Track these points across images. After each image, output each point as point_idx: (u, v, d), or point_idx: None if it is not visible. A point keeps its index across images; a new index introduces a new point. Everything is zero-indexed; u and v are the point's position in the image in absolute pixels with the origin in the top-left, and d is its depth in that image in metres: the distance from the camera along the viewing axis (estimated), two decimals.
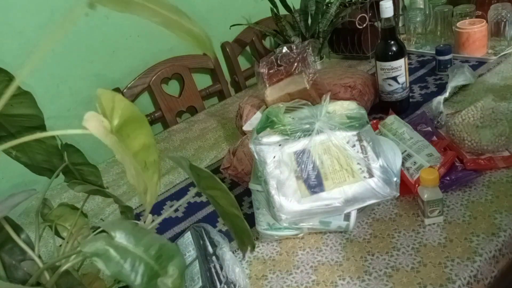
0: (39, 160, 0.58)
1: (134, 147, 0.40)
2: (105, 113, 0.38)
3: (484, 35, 1.25)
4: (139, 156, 0.40)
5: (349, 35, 1.46)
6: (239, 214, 0.52)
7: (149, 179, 0.40)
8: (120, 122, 0.39)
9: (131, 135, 0.40)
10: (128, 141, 0.39)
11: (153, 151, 0.41)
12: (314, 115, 0.74)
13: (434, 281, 0.65)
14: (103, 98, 0.38)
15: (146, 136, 0.41)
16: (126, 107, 0.39)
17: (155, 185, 0.41)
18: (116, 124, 0.39)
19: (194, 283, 0.72)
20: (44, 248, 0.94)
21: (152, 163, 0.41)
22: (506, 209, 0.75)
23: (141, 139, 0.40)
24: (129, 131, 0.40)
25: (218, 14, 1.64)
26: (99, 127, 0.36)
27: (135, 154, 0.39)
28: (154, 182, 0.41)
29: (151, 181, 0.41)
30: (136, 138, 0.40)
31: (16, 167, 0.59)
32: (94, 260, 0.38)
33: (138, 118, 0.41)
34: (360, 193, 0.71)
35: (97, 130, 0.36)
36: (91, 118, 0.37)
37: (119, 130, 0.39)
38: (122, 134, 0.39)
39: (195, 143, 1.29)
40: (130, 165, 0.38)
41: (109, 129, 0.38)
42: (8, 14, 1.22)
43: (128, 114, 0.40)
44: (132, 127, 0.40)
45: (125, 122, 0.39)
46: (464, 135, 0.86)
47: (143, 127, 0.41)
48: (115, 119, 0.39)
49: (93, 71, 1.40)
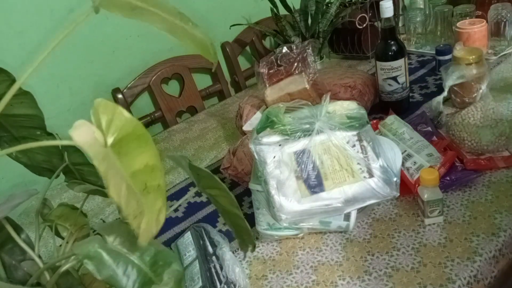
0: (39, 160, 0.58)
1: (132, 166, 0.36)
2: (100, 125, 0.35)
3: (484, 35, 1.25)
4: (138, 177, 0.36)
5: (349, 35, 1.46)
6: (239, 213, 0.52)
7: (149, 204, 0.36)
8: (118, 137, 0.35)
9: (131, 153, 0.36)
10: (126, 158, 0.35)
11: (157, 175, 0.37)
12: (314, 115, 0.74)
13: (434, 281, 0.65)
14: (101, 109, 0.35)
15: (150, 157, 0.37)
16: (127, 122, 0.36)
17: (157, 213, 0.36)
18: (113, 138, 0.35)
19: (194, 283, 0.72)
20: (44, 248, 0.94)
21: (155, 187, 0.37)
22: (506, 209, 0.75)
23: (143, 159, 0.37)
24: (129, 148, 0.36)
25: (218, 14, 1.64)
26: (87, 137, 0.33)
27: (133, 174, 0.35)
28: (155, 209, 0.36)
29: (152, 207, 0.36)
30: (136, 157, 0.36)
31: (16, 167, 0.59)
32: (86, 263, 0.38)
33: (141, 136, 0.37)
34: (360, 193, 0.71)
35: (83, 139, 0.32)
36: (80, 126, 0.33)
37: (116, 146, 0.35)
38: (120, 150, 0.35)
39: (195, 143, 1.29)
40: (121, 181, 0.33)
41: (102, 142, 0.34)
42: (8, 14, 1.22)
43: (130, 130, 0.36)
44: (133, 144, 0.36)
45: (124, 138, 0.36)
46: (464, 135, 0.86)
47: (147, 147, 0.37)
48: (113, 133, 0.35)
49: (93, 71, 1.40)
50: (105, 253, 0.39)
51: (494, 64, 1.24)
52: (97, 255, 0.38)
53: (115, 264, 0.38)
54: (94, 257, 0.38)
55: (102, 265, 0.38)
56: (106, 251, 0.39)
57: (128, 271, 0.39)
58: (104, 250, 0.39)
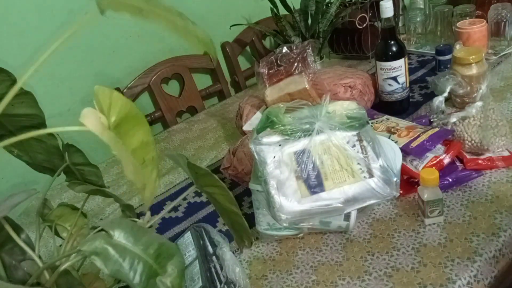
0: (40, 160, 0.58)
1: (132, 144, 0.40)
2: (103, 110, 0.38)
3: (484, 35, 1.25)
4: (137, 153, 0.40)
5: (349, 35, 1.46)
6: (237, 210, 0.52)
7: (148, 176, 0.41)
8: (117, 119, 0.39)
9: (129, 132, 0.40)
10: (126, 138, 0.39)
11: (151, 148, 0.42)
12: (314, 115, 0.74)
13: (434, 281, 0.65)
14: (100, 95, 0.38)
15: (144, 133, 0.41)
16: (123, 104, 0.40)
17: (154, 182, 0.41)
18: (113, 121, 0.39)
19: (194, 283, 0.72)
20: (44, 248, 0.94)
21: (151, 160, 0.41)
22: (506, 209, 0.75)
23: (139, 136, 0.41)
24: (127, 128, 0.40)
25: (218, 14, 1.64)
26: (96, 123, 0.36)
27: (133, 151, 0.39)
28: (152, 179, 0.41)
29: (150, 178, 0.41)
30: (134, 135, 0.40)
31: (16, 167, 0.59)
32: (93, 259, 0.38)
33: (136, 116, 0.41)
34: (360, 193, 0.71)
35: (95, 126, 0.36)
36: (88, 114, 0.36)
37: (117, 127, 0.39)
38: (120, 131, 0.39)
39: (195, 143, 1.29)
40: (129, 161, 0.38)
41: (107, 125, 0.38)
42: (8, 14, 1.22)
43: (126, 111, 0.40)
44: (130, 124, 0.40)
45: (123, 119, 0.39)
46: (464, 135, 0.86)
47: (141, 124, 0.41)
48: (113, 116, 0.39)
49: (93, 71, 1.40)
50: (111, 248, 0.39)
51: (494, 64, 1.24)
52: (104, 250, 0.39)
53: (122, 258, 0.39)
54: (101, 253, 0.39)
55: (109, 260, 0.39)
56: (112, 246, 0.39)
57: (134, 264, 0.39)
58: (110, 245, 0.39)
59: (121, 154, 0.37)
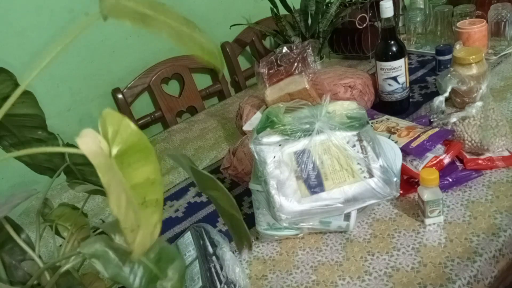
0: (40, 160, 0.58)
1: (134, 179, 0.36)
2: (107, 135, 0.35)
3: (484, 35, 1.25)
4: (138, 190, 0.35)
5: (349, 35, 1.46)
6: (238, 216, 0.52)
7: (146, 218, 0.36)
8: (122, 149, 0.35)
9: (133, 165, 0.36)
10: (128, 170, 0.35)
11: (157, 190, 0.37)
12: (314, 115, 0.74)
13: (434, 281, 0.65)
14: (108, 120, 0.35)
15: (151, 171, 0.36)
16: (132, 134, 0.36)
17: (153, 227, 0.36)
18: (117, 149, 0.35)
19: (194, 283, 0.72)
20: (44, 248, 0.94)
21: (154, 201, 0.36)
22: (506, 209, 0.75)
23: (145, 172, 0.36)
24: (132, 160, 0.36)
25: (218, 14, 1.64)
26: (92, 145, 0.33)
27: (133, 186, 0.35)
28: (151, 223, 0.36)
29: (148, 221, 0.36)
30: (138, 169, 0.36)
31: (16, 167, 0.59)
32: (93, 262, 0.38)
33: (145, 149, 0.37)
34: (360, 193, 0.71)
35: (90, 148, 0.32)
36: (86, 135, 0.33)
37: (120, 157, 0.35)
38: (123, 161, 0.35)
39: (195, 143, 1.29)
40: (122, 194, 0.33)
41: (107, 152, 0.34)
42: (8, 14, 1.22)
43: (134, 141, 0.36)
44: (136, 156, 0.36)
45: (129, 149, 0.36)
46: (464, 135, 0.86)
47: (149, 159, 0.37)
48: (117, 144, 0.35)
49: (93, 71, 1.40)
50: (112, 251, 0.39)
51: (494, 64, 1.24)
52: (104, 254, 0.39)
53: (122, 262, 0.39)
54: (101, 256, 0.38)
55: (110, 263, 0.38)
56: (113, 249, 0.39)
57: (134, 268, 0.39)
58: (111, 248, 0.39)
59: (111, 183, 0.32)
